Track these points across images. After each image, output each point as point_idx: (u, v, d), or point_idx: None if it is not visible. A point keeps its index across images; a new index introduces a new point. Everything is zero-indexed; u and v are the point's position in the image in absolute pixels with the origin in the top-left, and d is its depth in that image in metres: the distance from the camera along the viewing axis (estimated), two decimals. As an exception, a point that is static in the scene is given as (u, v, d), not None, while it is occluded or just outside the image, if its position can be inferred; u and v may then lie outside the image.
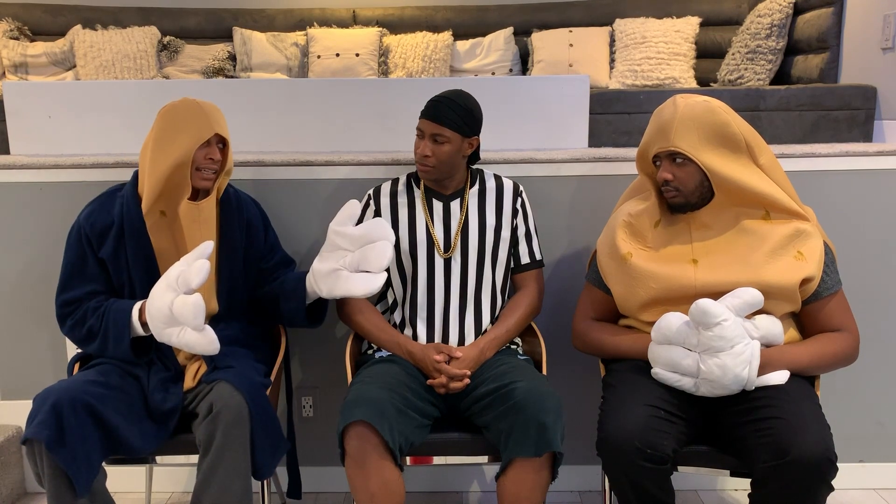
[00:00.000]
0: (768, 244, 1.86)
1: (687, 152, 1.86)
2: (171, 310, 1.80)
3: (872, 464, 2.54)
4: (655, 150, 1.91)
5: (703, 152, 1.86)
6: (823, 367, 1.89)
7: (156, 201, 1.97)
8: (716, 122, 1.86)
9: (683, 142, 1.86)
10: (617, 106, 3.42)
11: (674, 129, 1.86)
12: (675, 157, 1.88)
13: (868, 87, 3.37)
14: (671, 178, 1.89)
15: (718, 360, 1.75)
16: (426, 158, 2.04)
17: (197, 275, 1.79)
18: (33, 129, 2.65)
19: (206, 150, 1.98)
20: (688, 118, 1.86)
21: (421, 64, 4.35)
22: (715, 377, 1.76)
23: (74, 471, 1.74)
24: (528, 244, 2.19)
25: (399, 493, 1.83)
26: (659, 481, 1.74)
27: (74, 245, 2.01)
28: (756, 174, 1.89)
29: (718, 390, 1.78)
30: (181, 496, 2.58)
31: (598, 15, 4.47)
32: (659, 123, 1.90)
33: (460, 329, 2.10)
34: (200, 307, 1.78)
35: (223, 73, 4.38)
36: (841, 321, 1.91)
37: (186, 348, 1.82)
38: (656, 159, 1.93)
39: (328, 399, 2.54)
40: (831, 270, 1.90)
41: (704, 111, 1.86)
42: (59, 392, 1.78)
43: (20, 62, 4.27)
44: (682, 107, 1.87)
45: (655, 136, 1.91)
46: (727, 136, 1.87)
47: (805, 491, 1.65)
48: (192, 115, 1.96)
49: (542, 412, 1.81)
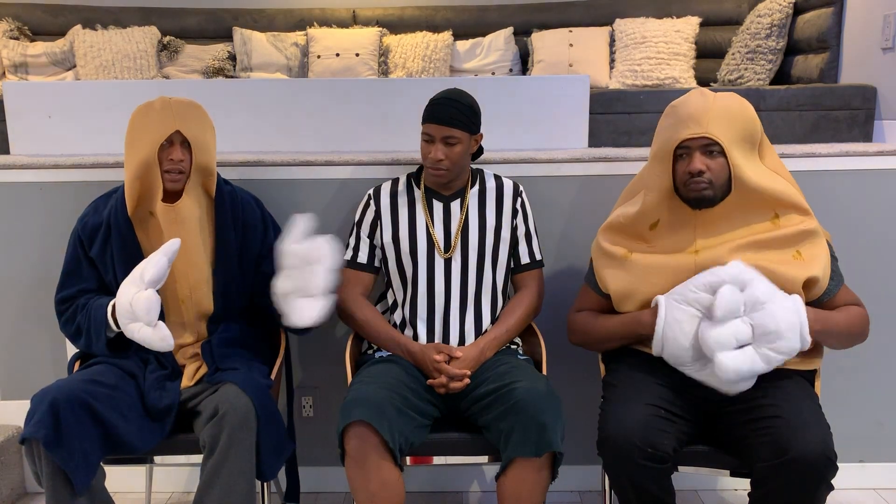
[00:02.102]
0: (769, 244, 1.83)
1: (722, 143, 1.77)
2: (130, 305, 1.83)
3: (872, 464, 2.54)
4: (686, 136, 1.78)
5: (735, 147, 1.79)
6: (851, 336, 1.87)
7: (139, 202, 1.99)
8: (748, 118, 1.80)
9: (719, 130, 1.77)
10: (617, 106, 3.42)
11: (709, 118, 1.76)
12: (709, 148, 1.78)
13: (868, 87, 3.37)
14: (705, 168, 1.78)
15: (766, 310, 1.70)
16: (440, 162, 2.03)
17: (150, 269, 1.82)
18: (33, 129, 2.65)
19: (167, 151, 1.95)
20: (723, 109, 1.78)
21: (421, 64, 4.35)
22: (772, 328, 1.69)
23: (73, 469, 1.75)
24: (527, 244, 2.19)
25: (399, 493, 1.83)
26: (659, 481, 1.74)
27: (71, 245, 2.06)
28: (769, 174, 1.85)
29: (779, 345, 1.69)
30: (181, 496, 2.57)
31: (598, 15, 4.47)
32: (687, 113, 1.79)
33: (460, 330, 2.10)
34: (153, 302, 1.81)
35: (223, 73, 4.38)
36: (854, 301, 1.91)
37: (144, 343, 1.85)
38: (681, 150, 1.82)
39: (328, 399, 2.54)
40: (834, 269, 1.88)
41: (740, 105, 1.80)
42: (56, 391, 1.78)
43: (20, 62, 4.27)
44: (713, 98, 1.79)
45: (683, 125, 1.79)
46: (753, 135, 1.82)
47: (805, 490, 1.65)
48: (154, 115, 1.94)
49: (542, 412, 1.81)
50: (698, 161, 1.78)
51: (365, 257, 2.17)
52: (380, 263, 2.19)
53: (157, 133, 1.94)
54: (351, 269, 2.18)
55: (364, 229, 2.17)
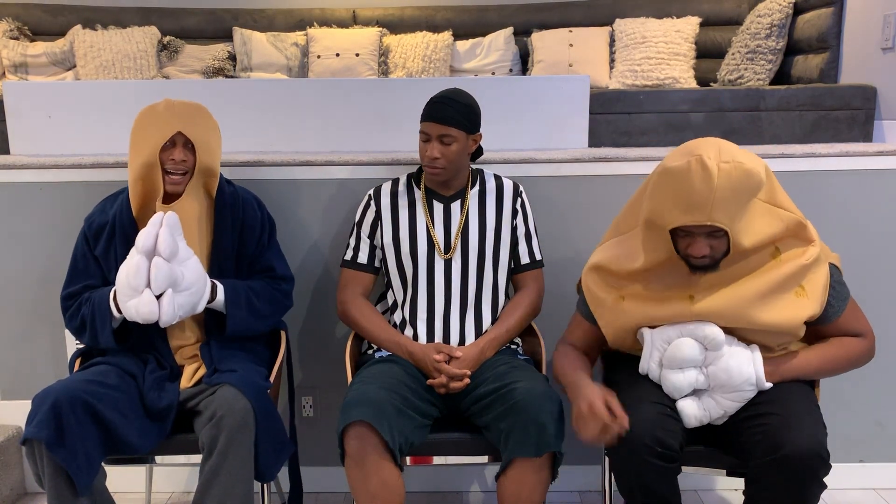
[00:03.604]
0: (769, 285, 1.75)
1: (727, 227, 1.67)
2: (126, 276, 1.85)
3: (872, 464, 2.54)
4: (685, 224, 1.69)
5: (737, 221, 1.69)
6: (835, 372, 1.86)
7: (142, 202, 1.99)
8: (752, 187, 1.67)
9: (724, 215, 1.65)
10: (617, 106, 3.42)
11: (712, 204, 1.64)
12: (714, 234, 1.70)
13: (868, 87, 3.37)
14: (709, 251, 1.71)
15: (722, 363, 1.76)
16: (436, 161, 2.03)
17: (139, 238, 1.84)
18: (33, 129, 2.65)
19: (168, 152, 1.96)
20: (727, 188, 1.63)
21: (421, 64, 4.35)
22: (723, 381, 1.76)
23: (75, 470, 1.75)
24: (527, 244, 2.19)
25: (399, 493, 1.83)
26: (668, 481, 1.74)
27: (78, 244, 2.07)
28: (767, 219, 1.74)
29: (734, 395, 1.77)
30: (181, 496, 2.57)
31: (598, 15, 4.47)
32: (686, 195, 1.65)
33: (461, 330, 2.10)
34: (140, 269, 1.83)
35: (223, 73, 4.38)
36: (855, 329, 1.87)
37: (137, 318, 1.85)
38: (680, 231, 1.73)
39: (328, 399, 2.54)
40: (838, 291, 1.83)
41: (742, 178, 1.64)
42: (57, 392, 1.79)
43: (20, 62, 4.27)
44: (717, 175, 1.62)
45: (683, 211, 1.67)
46: (758, 193, 1.71)
47: (797, 487, 1.65)
48: (157, 117, 1.95)
49: (542, 412, 1.81)
50: (700, 247, 1.71)
51: (365, 258, 2.17)
52: (380, 264, 2.19)
53: (158, 134, 1.94)
54: (351, 270, 2.18)
55: (364, 230, 2.17)
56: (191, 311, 1.92)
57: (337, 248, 2.44)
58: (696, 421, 1.80)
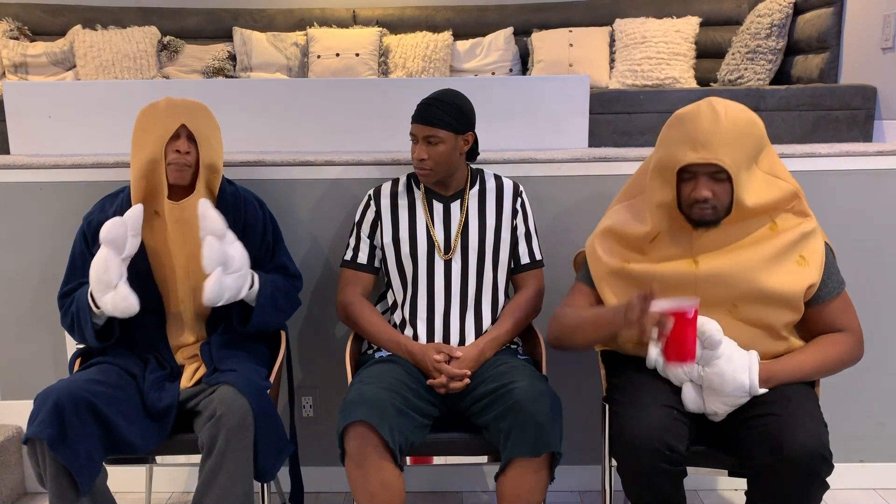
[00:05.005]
0: (771, 251, 1.80)
1: (730, 169, 1.70)
2: (95, 272, 1.84)
3: (872, 464, 2.54)
4: (691, 161, 1.72)
5: (740, 171, 1.72)
6: (828, 372, 1.86)
7: (144, 201, 1.98)
8: (757, 136, 1.73)
9: (728, 157, 1.69)
10: (617, 106, 3.43)
11: (718, 142, 1.68)
12: (716, 175, 1.72)
13: (868, 87, 3.37)
14: (711, 195, 1.73)
15: (717, 368, 1.76)
16: (423, 162, 2.04)
17: (102, 230, 1.83)
18: (33, 129, 2.65)
19: (172, 143, 1.96)
20: (733, 130, 1.69)
21: (421, 64, 4.35)
22: (716, 385, 1.76)
23: (77, 469, 1.75)
24: (527, 244, 2.19)
25: (399, 493, 1.84)
26: (675, 483, 1.74)
27: (76, 242, 2.07)
28: (766, 184, 1.79)
29: (725, 399, 1.78)
30: (181, 496, 2.58)
31: (598, 15, 4.48)
32: (695, 133, 1.71)
33: (461, 330, 2.10)
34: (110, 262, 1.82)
35: (223, 73, 4.38)
36: (844, 322, 1.87)
37: (115, 313, 1.85)
38: (685, 172, 1.76)
39: (328, 399, 2.54)
40: (833, 272, 1.86)
41: (748, 123, 1.71)
42: (59, 391, 1.78)
43: (20, 62, 4.27)
44: (724, 116, 1.69)
45: (690, 146, 1.71)
46: (759, 150, 1.76)
47: (800, 487, 1.65)
48: (159, 114, 1.95)
49: (541, 412, 1.82)
50: (705, 188, 1.73)
51: (365, 258, 2.17)
52: (380, 264, 2.19)
53: (162, 129, 1.94)
54: (351, 270, 2.18)
55: (364, 230, 2.17)
56: (235, 294, 1.91)
57: (337, 248, 2.44)
58: (695, 407, 1.81)
